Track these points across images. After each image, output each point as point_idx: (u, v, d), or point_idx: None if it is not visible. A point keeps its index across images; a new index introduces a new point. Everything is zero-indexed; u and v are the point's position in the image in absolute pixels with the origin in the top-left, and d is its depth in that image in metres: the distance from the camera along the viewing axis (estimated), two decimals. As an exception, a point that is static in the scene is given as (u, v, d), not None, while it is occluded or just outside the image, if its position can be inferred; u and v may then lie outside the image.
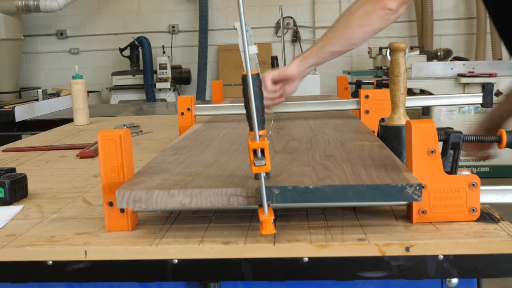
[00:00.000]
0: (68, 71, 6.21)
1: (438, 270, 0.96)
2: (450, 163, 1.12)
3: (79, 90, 2.90)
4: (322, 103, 2.03)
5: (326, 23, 7.24)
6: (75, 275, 1.00)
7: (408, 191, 0.98)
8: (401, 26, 7.27)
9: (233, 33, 3.17)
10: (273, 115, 2.02)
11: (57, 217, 1.21)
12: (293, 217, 1.11)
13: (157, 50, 7.03)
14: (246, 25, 1.87)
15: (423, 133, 1.04)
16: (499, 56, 6.48)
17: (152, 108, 4.64)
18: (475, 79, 5.19)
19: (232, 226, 1.07)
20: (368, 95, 1.88)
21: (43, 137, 2.49)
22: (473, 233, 0.99)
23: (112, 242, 1.02)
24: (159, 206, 1.04)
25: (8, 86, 6.17)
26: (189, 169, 1.19)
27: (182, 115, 1.97)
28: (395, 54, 1.45)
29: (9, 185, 1.32)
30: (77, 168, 1.75)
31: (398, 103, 1.46)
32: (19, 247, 1.02)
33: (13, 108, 4.07)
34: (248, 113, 0.98)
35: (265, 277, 0.99)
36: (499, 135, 1.17)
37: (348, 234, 1.01)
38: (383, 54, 6.34)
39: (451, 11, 7.17)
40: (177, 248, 0.99)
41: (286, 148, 1.39)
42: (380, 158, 1.20)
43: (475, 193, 1.05)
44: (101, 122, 2.99)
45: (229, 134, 1.67)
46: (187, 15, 7.38)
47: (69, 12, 7.32)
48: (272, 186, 0.99)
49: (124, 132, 1.08)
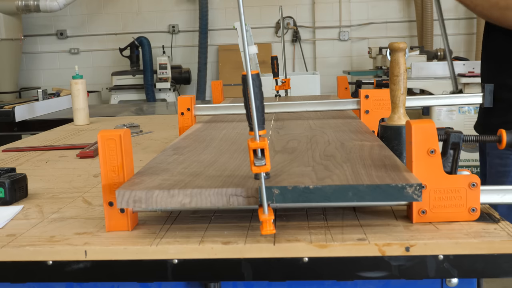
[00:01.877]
0: (68, 71, 6.22)
1: (438, 270, 0.96)
2: (450, 163, 1.12)
3: (79, 90, 2.90)
4: (322, 103, 2.03)
5: (326, 23, 7.25)
6: (75, 275, 1.00)
7: (408, 191, 0.98)
8: (401, 26, 7.27)
9: (233, 33, 3.17)
10: (273, 115, 2.02)
11: (57, 217, 1.21)
12: (293, 217, 1.11)
13: (157, 50, 7.03)
14: (246, 25, 1.87)
15: (423, 133, 1.05)
16: (499, 56, 6.47)
17: (152, 108, 4.64)
18: (475, 79, 5.19)
19: (232, 226, 1.07)
20: (368, 95, 1.88)
21: (43, 137, 2.49)
22: (473, 233, 0.99)
23: (112, 242, 1.02)
24: (159, 206, 1.04)
25: (8, 86, 6.17)
26: (189, 169, 1.19)
27: (182, 115, 1.97)
28: (395, 54, 1.45)
29: (9, 185, 1.32)
30: (77, 168, 1.75)
31: (398, 103, 1.45)
32: (19, 247, 1.02)
33: (13, 108, 4.07)
34: (248, 113, 0.98)
35: (265, 277, 0.99)
36: (499, 135, 1.17)
37: (348, 234, 1.01)
38: (383, 54, 6.34)
39: (451, 11, 7.16)
40: (177, 248, 0.99)
41: (286, 148, 1.39)
42: (380, 158, 1.20)
43: (475, 193, 1.05)
44: (101, 122, 2.99)
45: (229, 134, 1.66)
46: (187, 15, 7.38)
47: (69, 12, 7.32)
48: (272, 186, 0.99)
49: (124, 132, 1.08)
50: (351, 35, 7.31)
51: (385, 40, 7.08)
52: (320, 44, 7.34)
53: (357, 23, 7.29)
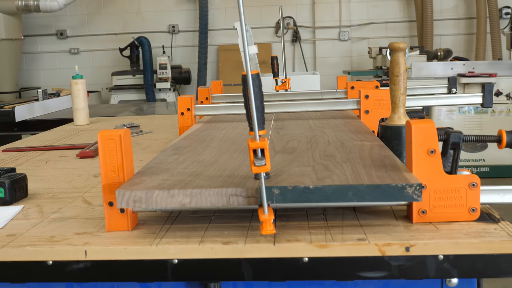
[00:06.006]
0: (68, 71, 6.22)
1: (438, 270, 0.96)
2: (450, 163, 1.12)
3: (79, 90, 2.90)
4: (322, 103, 2.03)
5: (326, 23, 7.25)
6: (75, 275, 1.00)
7: (408, 191, 0.98)
8: (401, 26, 7.27)
9: (233, 33, 3.17)
10: (273, 115, 2.03)
11: (57, 217, 1.21)
12: (293, 217, 1.11)
13: (157, 50, 7.04)
14: (246, 25, 1.87)
15: (423, 133, 1.04)
16: (499, 56, 6.48)
17: (152, 108, 4.63)
18: (475, 79, 5.19)
19: (232, 226, 1.07)
20: (368, 95, 1.88)
21: (43, 137, 2.49)
22: (473, 233, 0.99)
23: (112, 242, 1.02)
24: (159, 206, 1.04)
25: (8, 86, 6.18)
26: (189, 169, 1.19)
27: (182, 115, 1.97)
28: (395, 54, 1.45)
29: (9, 185, 1.32)
30: (77, 168, 1.75)
31: (398, 103, 1.45)
32: (19, 247, 1.02)
33: (13, 108, 4.07)
34: (248, 113, 0.98)
35: (265, 277, 0.99)
36: (499, 135, 1.17)
37: (348, 234, 1.01)
38: (383, 54, 6.34)
39: (451, 11, 7.17)
40: (177, 248, 0.99)
41: (286, 148, 1.39)
42: (380, 158, 1.20)
43: (475, 193, 1.05)
44: (101, 122, 2.99)
45: (229, 134, 1.67)
46: (187, 15, 7.38)
47: (69, 12, 7.32)
48: (272, 186, 0.99)
49: (124, 132, 1.08)
50: (351, 35, 7.31)
51: (385, 40, 7.08)
52: (320, 44, 7.34)
53: (357, 23, 7.30)
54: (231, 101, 2.33)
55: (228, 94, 2.46)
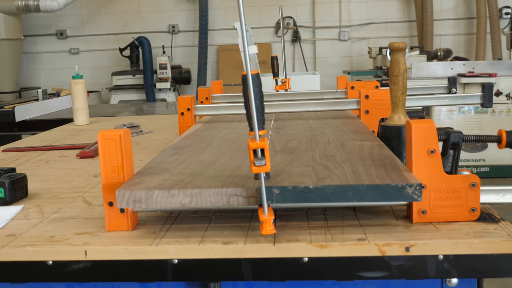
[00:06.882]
0: (68, 71, 6.22)
1: (438, 270, 0.96)
2: (450, 163, 1.12)
3: (79, 90, 2.90)
4: (322, 103, 2.03)
5: (326, 23, 7.25)
6: (75, 275, 1.00)
7: (408, 191, 0.98)
8: (401, 26, 7.27)
9: (233, 33, 3.17)
10: (273, 115, 2.03)
11: (57, 217, 1.21)
12: (293, 217, 1.11)
13: (157, 50, 7.04)
14: (246, 25, 1.87)
15: (423, 133, 1.04)
16: (499, 56, 6.48)
17: (152, 108, 4.64)
18: (475, 79, 5.19)
19: (232, 226, 1.07)
20: (368, 95, 1.88)
21: (43, 137, 2.49)
22: (473, 233, 0.99)
23: (112, 242, 1.02)
24: (159, 206, 1.04)
25: (8, 86, 6.18)
26: (189, 169, 1.19)
27: (182, 115, 1.97)
28: (395, 54, 1.45)
29: (9, 185, 1.32)
30: (77, 168, 1.75)
31: (398, 103, 1.45)
32: (19, 247, 1.02)
33: (13, 108, 4.07)
34: (248, 113, 0.98)
35: (265, 277, 0.99)
36: (499, 135, 1.17)
37: (348, 234, 1.01)
38: (383, 54, 6.34)
39: (451, 11, 7.17)
40: (177, 248, 0.99)
41: (286, 148, 1.39)
42: (380, 158, 1.20)
43: (475, 193, 1.05)
44: (101, 122, 2.99)
45: (229, 134, 1.67)
46: (187, 15, 7.38)
47: (69, 12, 7.32)
48: (272, 186, 0.99)
49: (124, 132, 1.08)
50: (351, 35, 7.31)
51: (385, 40, 7.08)
52: (320, 44, 7.34)
53: (357, 23, 7.30)
54: (231, 101, 2.31)
55: (228, 94, 2.44)
